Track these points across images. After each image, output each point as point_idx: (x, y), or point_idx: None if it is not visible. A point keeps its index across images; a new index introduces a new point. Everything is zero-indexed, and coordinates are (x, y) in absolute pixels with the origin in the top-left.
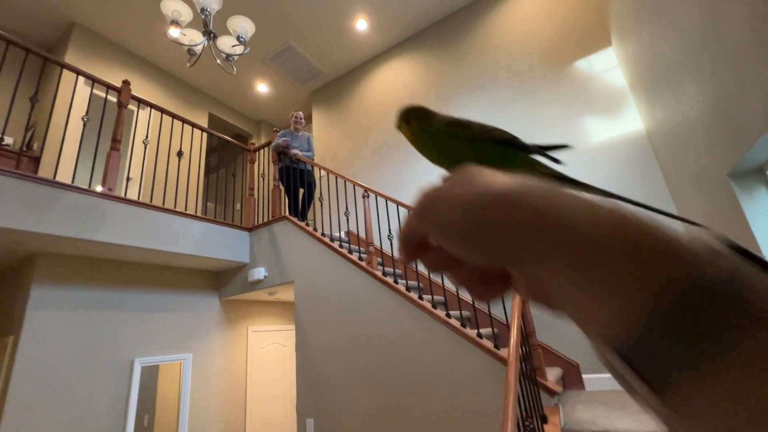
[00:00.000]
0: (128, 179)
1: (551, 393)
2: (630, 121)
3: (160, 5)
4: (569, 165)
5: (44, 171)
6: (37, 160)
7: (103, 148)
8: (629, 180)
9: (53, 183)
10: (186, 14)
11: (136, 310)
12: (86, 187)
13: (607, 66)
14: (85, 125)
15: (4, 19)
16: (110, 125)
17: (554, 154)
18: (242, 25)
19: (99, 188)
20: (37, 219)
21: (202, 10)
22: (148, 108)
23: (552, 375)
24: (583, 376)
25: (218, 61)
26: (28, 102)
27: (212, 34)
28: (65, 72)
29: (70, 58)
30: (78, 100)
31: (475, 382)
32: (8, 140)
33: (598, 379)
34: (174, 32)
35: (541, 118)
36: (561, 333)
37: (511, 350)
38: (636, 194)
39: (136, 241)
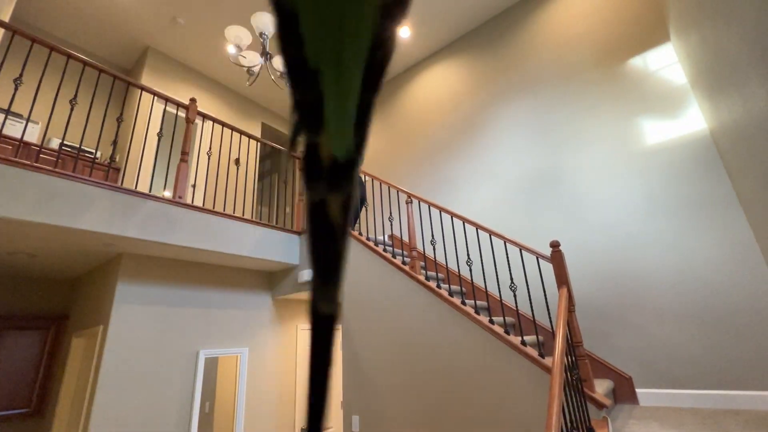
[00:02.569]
0: (193, 186)
1: (599, 405)
2: (691, 122)
3: (225, 31)
4: (622, 169)
5: (126, 181)
6: (117, 171)
7: (173, 160)
8: (691, 184)
9: (136, 193)
10: (246, 38)
11: (200, 306)
12: (160, 195)
13: (665, 63)
14: (159, 140)
15: (90, 46)
16: (180, 138)
17: None
18: None
19: (166, 193)
20: (123, 224)
21: (261, 34)
22: (211, 121)
23: (601, 387)
24: (637, 390)
25: (273, 78)
26: (114, 120)
27: (268, 55)
28: (144, 93)
29: (145, 78)
30: (154, 117)
31: (519, 389)
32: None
33: (654, 395)
34: (235, 54)
35: (591, 119)
36: (612, 344)
37: (556, 359)
38: (699, 200)
39: (201, 243)
